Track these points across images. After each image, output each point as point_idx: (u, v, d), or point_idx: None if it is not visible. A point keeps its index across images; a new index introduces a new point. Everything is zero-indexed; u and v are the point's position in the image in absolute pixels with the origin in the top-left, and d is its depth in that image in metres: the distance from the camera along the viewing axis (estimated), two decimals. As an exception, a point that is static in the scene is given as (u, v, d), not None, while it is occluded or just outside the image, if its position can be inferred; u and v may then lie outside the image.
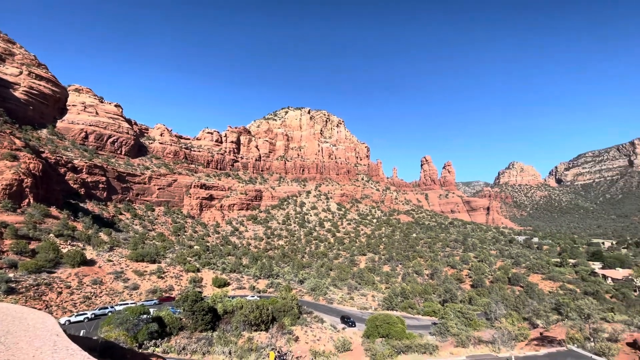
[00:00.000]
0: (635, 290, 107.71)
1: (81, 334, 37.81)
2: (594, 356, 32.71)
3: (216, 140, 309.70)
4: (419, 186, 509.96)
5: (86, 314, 50.38)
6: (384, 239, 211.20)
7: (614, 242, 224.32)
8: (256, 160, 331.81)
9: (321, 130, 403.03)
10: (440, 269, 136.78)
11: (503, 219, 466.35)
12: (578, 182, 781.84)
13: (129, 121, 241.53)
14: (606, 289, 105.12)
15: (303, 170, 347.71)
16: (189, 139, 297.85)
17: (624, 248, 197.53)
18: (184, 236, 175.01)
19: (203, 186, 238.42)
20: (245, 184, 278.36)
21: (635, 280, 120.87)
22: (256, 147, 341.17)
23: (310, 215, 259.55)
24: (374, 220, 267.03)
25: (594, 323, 41.95)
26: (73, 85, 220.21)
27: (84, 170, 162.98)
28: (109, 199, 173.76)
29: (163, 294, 69.61)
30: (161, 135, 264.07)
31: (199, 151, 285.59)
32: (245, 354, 39.12)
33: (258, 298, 67.27)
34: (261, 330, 48.91)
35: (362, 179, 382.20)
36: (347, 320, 60.05)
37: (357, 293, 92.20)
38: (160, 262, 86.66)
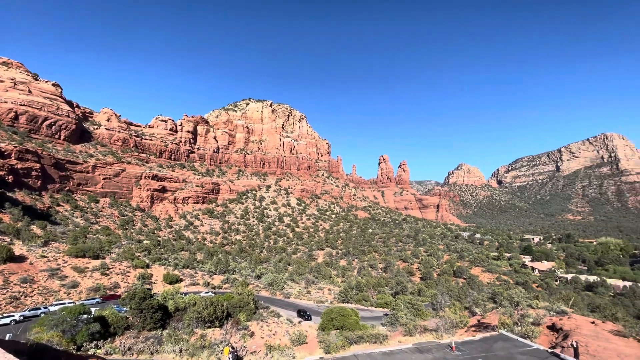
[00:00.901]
0: (556, 280, 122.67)
1: (7, 338, 34.14)
2: (520, 338, 36.89)
3: (170, 129, 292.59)
4: (376, 183, 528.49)
5: (13, 315, 45.32)
6: (341, 234, 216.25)
7: (542, 238, 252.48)
8: (214, 152, 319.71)
9: (283, 125, 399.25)
10: (393, 262, 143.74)
11: (451, 216, 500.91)
12: (515, 183, 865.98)
13: (69, 103, 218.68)
14: (533, 279, 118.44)
15: (263, 164, 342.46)
16: (140, 126, 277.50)
17: (549, 243, 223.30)
18: (132, 230, 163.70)
19: (155, 177, 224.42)
20: (201, 177, 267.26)
21: (556, 271, 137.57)
22: (214, 138, 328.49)
23: (270, 210, 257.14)
24: (333, 216, 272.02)
25: (521, 310, 47.19)
26: (0, 58, 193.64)
27: (12, 155, 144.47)
28: (44, 189, 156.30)
29: (107, 292, 64.82)
30: (108, 120, 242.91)
31: (151, 140, 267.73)
32: (197, 351, 38.09)
33: (213, 294, 65.58)
34: (215, 327, 47.91)
35: (323, 175, 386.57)
36: (304, 314, 60.95)
37: (314, 287, 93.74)
38: (104, 258, 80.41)
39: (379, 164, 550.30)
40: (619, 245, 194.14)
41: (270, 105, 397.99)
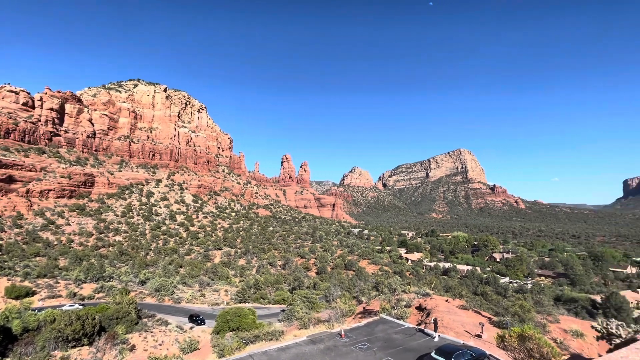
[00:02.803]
0: (423, 268, 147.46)
1: None
2: (395, 320, 43.21)
3: (24, 104, 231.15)
4: (279, 182, 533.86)
5: None
6: (241, 233, 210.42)
7: (414, 233, 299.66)
8: (88, 137, 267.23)
9: (179, 113, 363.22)
10: (292, 259, 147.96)
11: (344, 214, 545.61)
12: (396, 186, 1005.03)
13: None
14: (407, 268, 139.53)
15: (154, 155, 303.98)
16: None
17: (419, 237, 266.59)
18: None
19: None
20: (69, 165, 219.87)
21: (423, 260, 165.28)
22: (89, 120, 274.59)
23: (160, 207, 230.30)
24: (233, 214, 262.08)
25: (397, 295, 55.35)
26: None
27: None
28: None
29: None
30: None
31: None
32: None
33: (81, 307, 55.15)
34: (84, 345, 40.50)
35: (223, 171, 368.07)
36: (196, 318, 57.25)
37: (210, 289, 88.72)
38: None
39: (282, 162, 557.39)
40: (465, 237, 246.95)
41: (165, 91, 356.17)
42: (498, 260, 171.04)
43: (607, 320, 30.13)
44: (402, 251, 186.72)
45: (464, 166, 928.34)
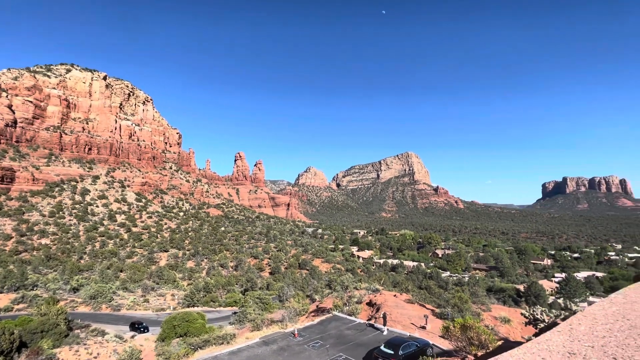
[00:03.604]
0: (373, 265, 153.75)
1: None
2: (347, 316, 44.64)
3: None
4: (232, 181, 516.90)
5: None
6: (190, 233, 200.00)
7: (365, 232, 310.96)
8: (8, 125, 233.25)
9: (121, 105, 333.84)
10: (245, 260, 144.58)
11: (299, 214, 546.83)
12: (349, 187, 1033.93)
13: None
14: (358, 266, 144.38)
15: (90, 149, 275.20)
16: None
17: (370, 236, 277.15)
18: None
19: None
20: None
21: (374, 258, 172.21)
22: (9, 107, 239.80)
23: (97, 207, 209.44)
24: (181, 214, 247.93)
25: (349, 292, 57.17)
26: None
27: None
28: None
29: None
30: None
31: None
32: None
33: (-4, 321, 48.13)
34: (0, 365, 35.52)
35: (171, 168, 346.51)
36: (139, 326, 53.43)
37: (154, 294, 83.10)
38: None
39: (235, 161, 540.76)
40: (412, 235, 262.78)
41: (104, 79, 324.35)
42: (440, 256, 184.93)
43: (533, 307, 34.46)
44: (354, 249, 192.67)
45: (411, 168, 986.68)
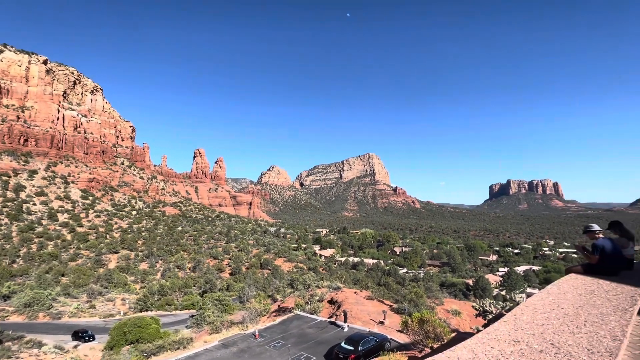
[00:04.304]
0: (335, 263, 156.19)
1: None
2: (309, 315, 44.97)
3: None
4: (190, 178, 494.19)
5: None
6: (144, 234, 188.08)
7: (328, 231, 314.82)
8: None
9: (65, 93, 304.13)
10: (203, 260, 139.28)
11: (262, 213, 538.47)
12: (313, 186, 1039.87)
13: None
14: (320, 264, 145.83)
15: (26, 140, 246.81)
16: None
17: (332, 234, 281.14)
18: None
19: None
20: None
21: (335, 256, 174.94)
22: None
23: (34, 205, 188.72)
24: (134, 213, 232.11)
25: (311, 290, 57.59)
26: None
27: None
28: None
29: None
30: None
31: None
32: None
33: None
34: None
35: (123, 164, 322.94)
36: (83, 334, 49.30)
37: (102, 299, 76.97)
38: None
39: (194, 157, 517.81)
40: (372, 234, 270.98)
41: (45, 63, 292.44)
42: (398, 253, 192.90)
43: (483, 300, 37.34)
44: (317, 248, 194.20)
45: (372, 169, 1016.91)
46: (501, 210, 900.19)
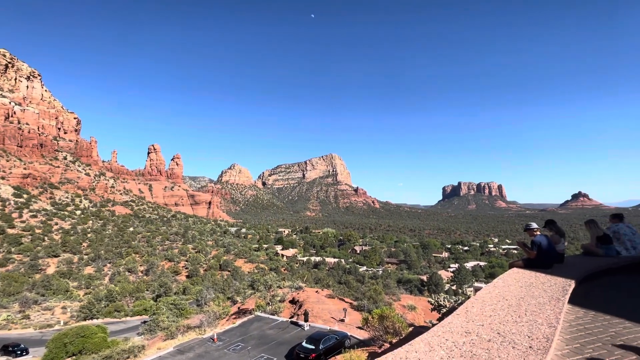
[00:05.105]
0: (297, 263, 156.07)
1: None
2: (270, 316, 44.49)
3: None
4: (144, 175, 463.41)
5: None
6: (90, 235, 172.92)
7: (290, 230, 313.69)
8: None
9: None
10: (157, 263, 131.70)
11: (221, 212, 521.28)
12: (275, 185, 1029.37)
13: None
14: (282, 264, 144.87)
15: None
16: None
17: (294, 234, 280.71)
18: None
19: None
20: None
21: (298, 256, 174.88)
22: None
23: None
24: (78, 212, 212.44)
25: (273, 291, 57.00)
26: None
27: None
28: None
29: None
30: None
31: None
32: None
33: None
34: None
35: (65, 159, 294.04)
36: (14, 348, 44.32)
37: (38, 308, 69.46)
38: None
39: (149, 154, 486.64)
40: (333, 233, 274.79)
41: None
42: (358, 252, 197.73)
43: (437, 295, 39.55)
44: (279, 248, 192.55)
45: (334, 169, 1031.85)
46: (453, 210, 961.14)
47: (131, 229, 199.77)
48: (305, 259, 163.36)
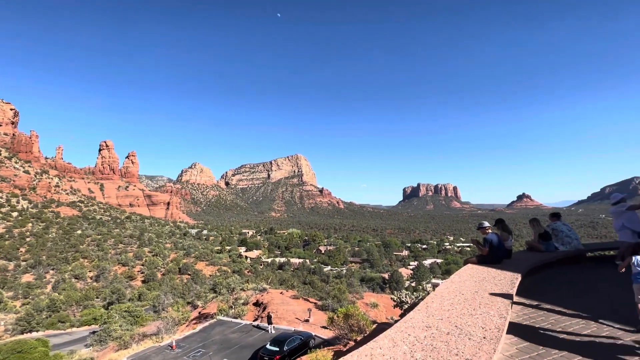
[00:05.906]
0: (261, 265, 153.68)
1: None
2: (233, 319, 43.36)
3: None
4: (94, 174, 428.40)
5: None
6: (29, 239, 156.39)
7: (255, 231, 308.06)
8: None
9: None
10: (109, 268, 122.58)
11: (181, 214, 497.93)
12: (239, 186, 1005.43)
13: None
14: (246, 266, 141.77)
15: None
16: None
17: (259, 235, 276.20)
18: None
19: None
20: None
21: (262, 257, 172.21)
22: None
23: None
24: (15, 214, 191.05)
25: (236, 294, 55.58)
26: None
27: None
28: None
29: None
30: None
31: None
32: None
33: None
34: None
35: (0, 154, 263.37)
36: None
37: (-38, 323, 61.45)
38: None
39: (100, 150, 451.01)
40: (299, 234, 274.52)
41: None
42: (323, 252, 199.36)
43: (399, 292, 40.93)
44: (242, 250, 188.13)
45: (300, 170, 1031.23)
46: (412, 210, 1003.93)
47: (79, 231, 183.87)
48: (269, 260, 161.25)
